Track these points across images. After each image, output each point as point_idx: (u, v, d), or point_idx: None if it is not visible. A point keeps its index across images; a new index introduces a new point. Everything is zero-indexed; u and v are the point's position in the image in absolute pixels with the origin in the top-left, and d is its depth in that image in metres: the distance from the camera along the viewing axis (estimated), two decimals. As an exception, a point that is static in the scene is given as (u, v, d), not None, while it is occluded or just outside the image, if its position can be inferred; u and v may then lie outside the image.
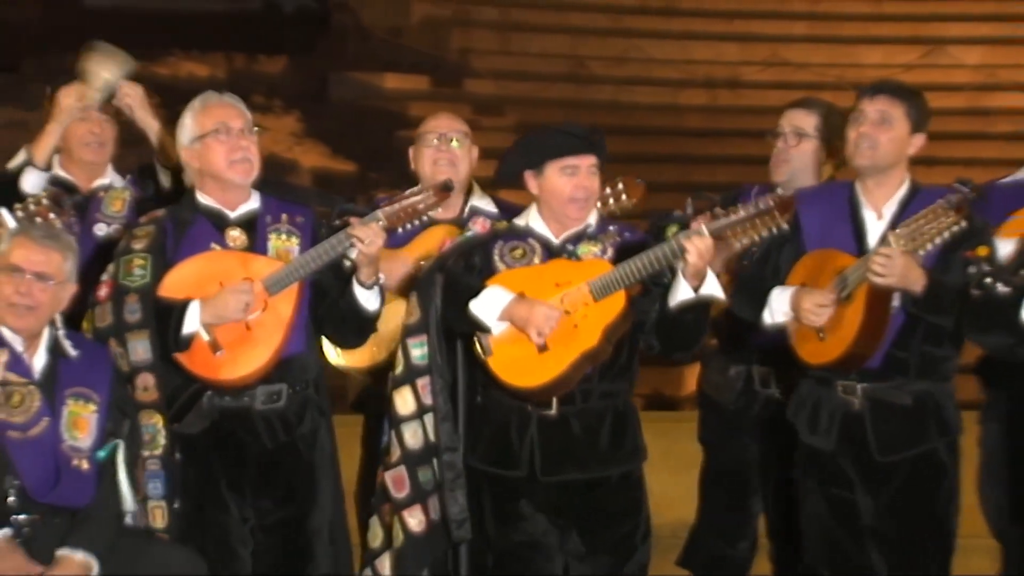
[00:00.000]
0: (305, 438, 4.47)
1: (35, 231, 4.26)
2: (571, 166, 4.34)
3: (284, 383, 4.42)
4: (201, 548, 4.37)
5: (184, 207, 4.49)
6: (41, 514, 4.13)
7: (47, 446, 4.15)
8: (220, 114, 4.42)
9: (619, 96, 13.99)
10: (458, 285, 4.37)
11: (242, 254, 4.41)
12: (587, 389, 4.32)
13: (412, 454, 4.42)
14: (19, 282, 4.15)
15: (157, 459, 4.32)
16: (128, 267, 4.37)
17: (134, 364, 4.32)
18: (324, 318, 4.46)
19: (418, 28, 14.56)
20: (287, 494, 4.45)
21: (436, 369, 4.42)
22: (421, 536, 4.42)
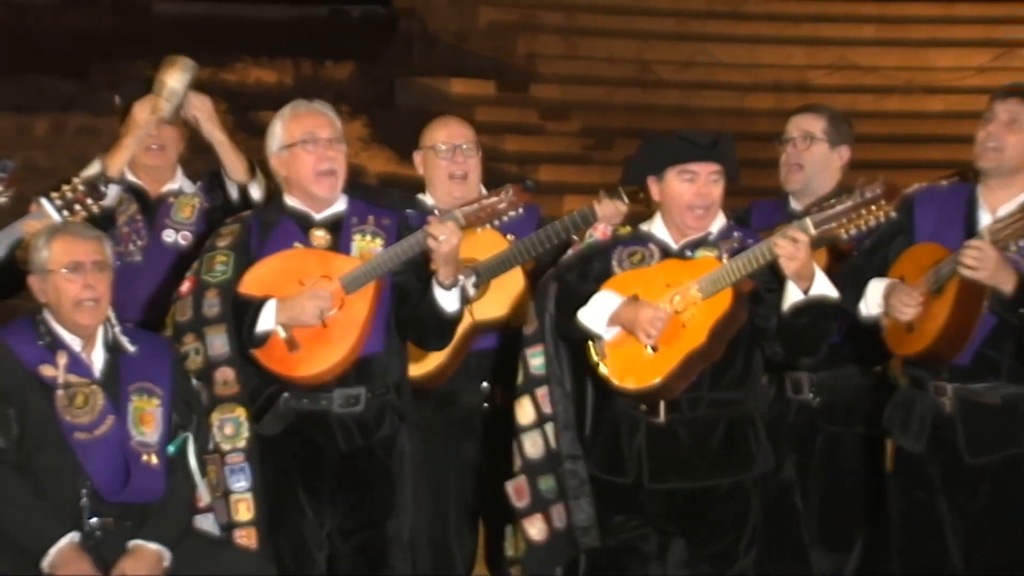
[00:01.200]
0: (383, 443, 4.47)
1: (71, 227, 4.27)
2: (690, 172, 4.32)
3: (363, 386, 4.42)
4: (276, 551, 4.38)
5: (271, 209, 4.52)
6: (113, 516, 4.14)
7: (115, 444, 4.16)
8: (309, 123, 4.44)
9: (686, 100, 13.93)
10: (570, 294, 4.38)
11: (322, 252, 4.43)
12: (696, 397, 4.30)
13: (533, 463, 4.42)
14: (84, 277, 4.17)
15: (241, 452, 4.33)
16: (210, 263, 4.41)
17: (212, 358, 4.34)
18: (406, 320, 4.45)
19: (484, 33, 14.56)
20: (363, 499, 4.45)
21: (554, 378, 4.42)
22: (542, 545, 4.42)
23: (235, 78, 14.11)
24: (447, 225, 4.28)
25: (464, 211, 4.33)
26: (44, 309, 4.20)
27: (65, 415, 4.13)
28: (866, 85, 14.39)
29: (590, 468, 4.40)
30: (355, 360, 4.39)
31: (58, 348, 4.17)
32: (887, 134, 13.40)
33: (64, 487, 4.10)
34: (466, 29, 14.62)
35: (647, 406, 4.31)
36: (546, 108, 13.66)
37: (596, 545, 4.39)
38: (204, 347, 4.34)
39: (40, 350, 4.16)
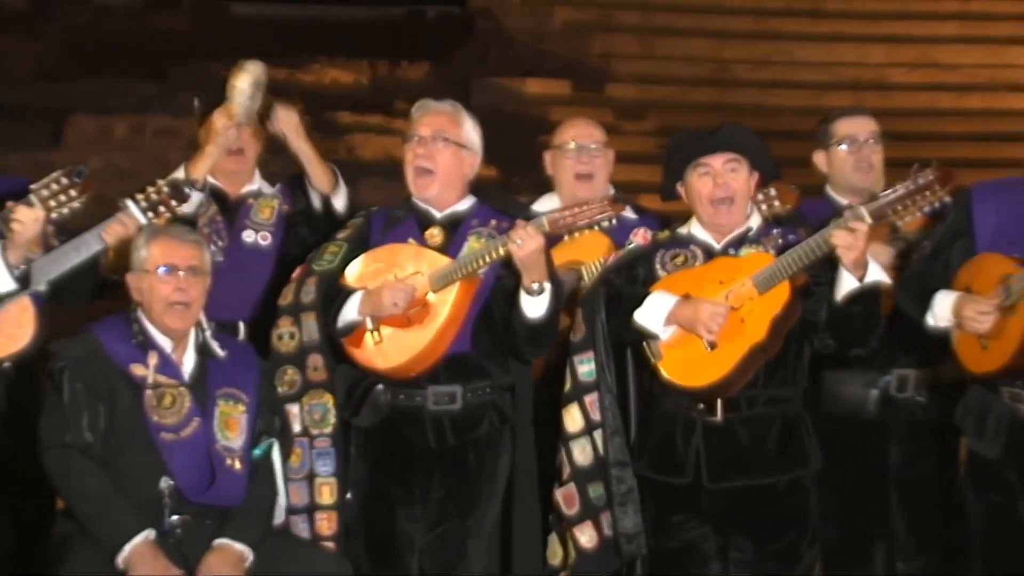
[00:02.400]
0: (478, 443, 4.47)
1: (171, 230, 4.32)
2: (704, 165, 4.29)
3: (458, 385, 4.42)
4: (366, 544, 4.42)
5: (401, 206, 4.57)
6: (193, 514, 4.16)
7: (200, 446, 4.20)
8: (417, 122, 4.50)
9: (763, 99, 13.83)
10: (621, 297, 4.37)
11: (419, 248, 4.46)
12: (752, 395, 4.28)
13: (582, 471, 4.42)
14: (177, 280, 4.20)
15: (327, 437, 4.38)
16: (323, 252, 4.52)
17: (306, 344, 4.40)
18: (506, 327, 4.45)
19: (560, 33, 14.54)
20: (450, 495, 4.46)
21: (604, 384, 4.40)
22: (593, 552, 4.43)
23: (311, 79, 14.17)
24: (527, 230, 4.28)
25: (550, 218, 4.33)
26: (138, 308, 4.24)
27: (152, 415, 4.18)
28: (947, 83, 14.21)
29: (642, 471, 4.38)
30: (436, 358, 4.40)
31: (149, 348, 4.23)
32: (968, 132, 13.23)
33: (147, 485, 4.15)
34: (541, 29, 14.60)
35: (704, 405, 4.29)
36: (621, 108, 13.60)
37: (641, 553, 4.38)
38: (299, 332, 4.39)
39: (132, 349, 4.21)
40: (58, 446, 4.14)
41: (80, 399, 4.15)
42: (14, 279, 4.26)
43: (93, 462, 4.13)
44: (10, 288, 4.28)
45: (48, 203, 4.26)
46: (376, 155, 12.68)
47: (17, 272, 4.26)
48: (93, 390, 4.16)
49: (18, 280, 4.27)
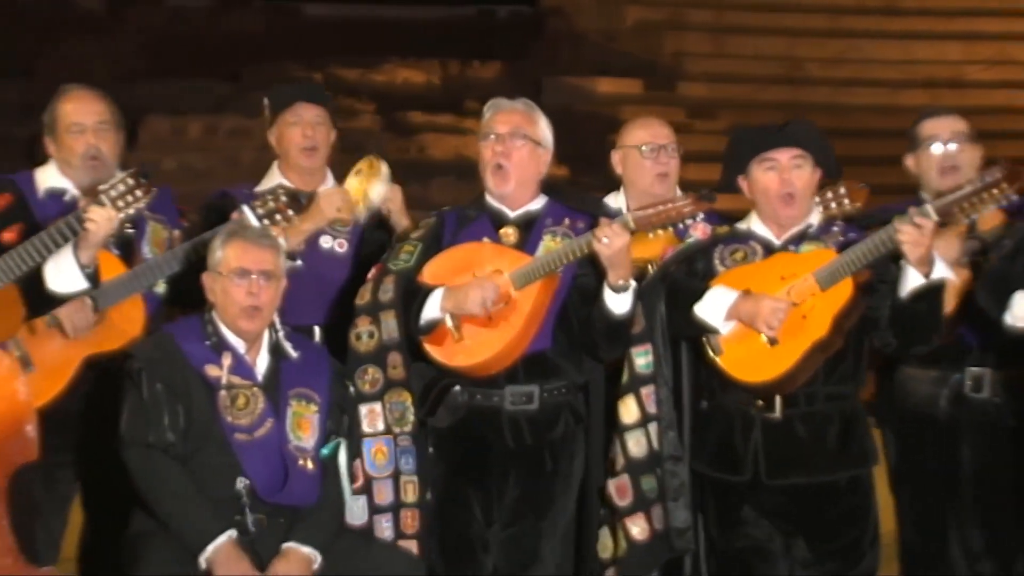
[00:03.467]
0: (554, 444, 4.47)
1: (247, 233, 4.34)
2: (770, 160, 4.29)
3: (535, 384, 4.44)
4: (441, 544, 4.42)
5: (472, 205, 4.57)
6: (267, 514, 4.19)
7: (273, 447, 4.21)
8: (491, 119, 4.49)
9: (836, 98, 13.74)
10: (681, 290, 4.34)
11: (498, 247, 4.46)
12: (812, 392, 4.25)
13: (636, 462, 4.39)
14: (249, 284, 4.23)
15: (408, 435, 4.39)
16: (398, 252, 4.50)
17: (385, 342, 4.40)
18: (583, 325, 4.43)
19: (631, 32, 14.51)
20: (525, 495, 4.45)
21: (661, 377, 4.39)
22: (643, 544, 4.39)
23: (383, 79, 14.24)
24: (613, 228, 4.26)
25: (636, 215, 4.30)
26: (212, 309, 4.27)
27: (227, 415, 4.19)
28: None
29: (701, 468, 4.36)
30: (516, 356, 4.40)
31: (224, 349, 4.24)
32: (1046, 130, 13.07)
33: (223, 485, 4.16)
34: (613, 28, 14.59)
35: (763, 401, 4.26)
36: (693, 106, 13.56)
37: (691, 549, 4.36)
38: (379, 330, 4.40)
39: (206, 350, 4.23)
40: (141, 445, 4.16)
41: (160, 399, 4.18)
42: (85, 277, 4.30)
43: (175, 462, 4.15)
44: (81, 287, 4.31)
45: (117, 203, 4.29)
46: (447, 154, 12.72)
47: (88, 271, 4.29)
48: (171, 390, 4.18)
49: (89, 279, 4.30)
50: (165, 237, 4.70)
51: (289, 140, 4.95)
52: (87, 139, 4.57)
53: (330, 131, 5.01)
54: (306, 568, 4.15)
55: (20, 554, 3.89)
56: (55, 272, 4.27)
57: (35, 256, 4.24)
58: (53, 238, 4.27)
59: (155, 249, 4.67)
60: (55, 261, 4.26)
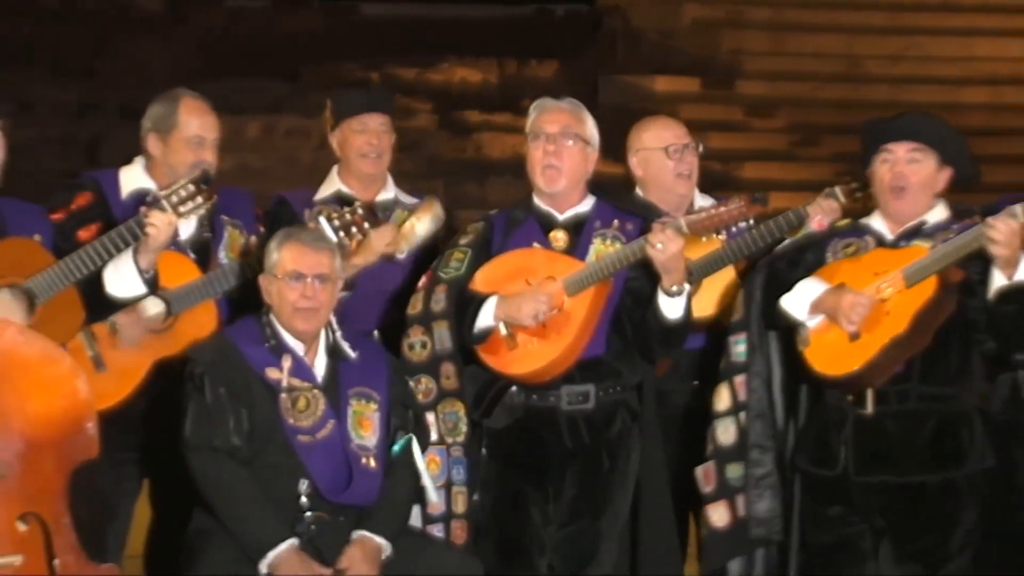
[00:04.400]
0: (611, 442, 4.46)
1: (303, 235, 4.35)
2: (887, 152, 4.26)
3: (591, 384, 4.42)
4: (496, 544, 4.42)
5: (519, 207, 4.56)
6: (330, 513, 4.20)
7: (336, 447, 4.22)
8: (541, 119, 4.48)
9: (896, 95, 13.60)
10: (776, 282, 4.35)
11: (550, 253, 4.45)
12: (904, 390, 4.22)
13: (723, 450, 4.41)
14: (304, 287, 4.23)
15: (460, 446, 4.40)
16: (448, 259, 4.49)
17: (438, 352, 4.40)
18: (636, 328, 4.44)
19: (689, 30, 14.45)
20: (583, 494, 4.45)
21: (754, 366, 4.40)
22: (723, 532, 4.41)
23: (440, 78, 14.24)
24: (667, 232, 4.25)
25: (689, 220, 4.31)
26: (270, 311, 4.28)
27: (288, 417, 4.21)
28: (1088, 77, 13.90)
29: (800, 461, 4.35)
30: (571, 363, 4.39)
31: (283, 351, 4.26)
32: (1110, 126, 12.92)
33: (286, 486, 4.19)
34: (670, 26, 14.52)
35: (854, 397, 4.24)
36: (752, 105, 13.49)
37: (775, 539, 4.36)
38: (431, 340, 4.40)
39: (266, 352, 4.25)
40: (206, 449, 4.18)
41: (224, 403, 4.20)
42: (144, 282, 4.31)
43: (240, 466, 4.18)
44: (140, 292, 4.33)
45: (177, 208, 4.31)
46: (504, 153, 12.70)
47: (147, 276, 4.30)
48: (234, 393, 4.21)
49: (148, 284, 4.32)
50: (242, 242, 4.71)
51: (352, 147, 4.96)
52: (204, 153, 4.59)
53: (392, 137, 5.02)
54: (376, 557, 4.17)
55: (82, 551, 3.91)
56: (115, 276, 4.29)
57: (95, 260, 4.26)
58: (114, 242, 4.28)
59: (231, 254, 4.68)
60: (115, 265, 4.28)
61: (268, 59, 14.36)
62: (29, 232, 4.37)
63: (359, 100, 5.06)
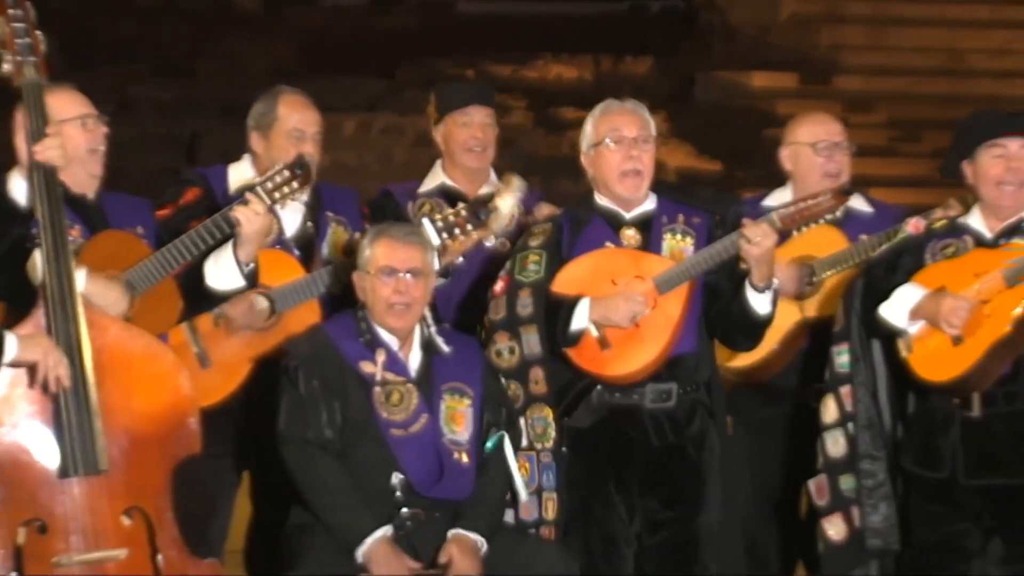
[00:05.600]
0: (694, 439, 4.44)
1: (395, 230, 4.35)
2: (1000, 146, 4.21)
3: (674, 382, 4.41)
4: (585, 542, 4.39)
5: (582, 207, 4.54)
6: (422, 507, 4.22)
7: (428, 442, 4.23)
8: (616, 122, 4.44)
9: (998, 90, 13.41)
10: (875, 289, 4.32)
11: (634, 252, 4.44)
12: (1012, 391, 4.17)
13: (834, 462, 4.38)
14: (397, 282, 4.25)
15: (548, 452, 4.38)
16: (523, 263, 4.45)
17: (527, 357, 4.39)
18: (716, 320, 4.43)
19: (787, 25, 14.34)
20: (673, 495, 4.43)
21: (858, 376, 4.36)
22: (840, 545, 4.37)
23: (536, 75, 14.25)
24: (761, 227, 4.24)
25: (780, 214, 4.29)
26: (364, 306, 4.30)
27: (382, 411, 4.22)
28: None
29: (906, 464, 4.31)
30: (663, 361, 4.37)
31: (377, 346, 4.27)
32: None
33: (379, 480, 4.19)
34: (768, 21, 14.42)
35: (960, 400, 4.19)
36: (850, 100, 13.35)
37: (892, 549, 4.30)
38: (519, 346, 4.38)
39: (360, 346, 4.26)
40: (299, 442, 4.20)
41: (317, 396, 4.22)
42: (243, 276, 4.34)
43: (332, 458, 4.20)
44: (239, 285, 4.36)
45: (272, 195, 4.33)
46: (599, 150, 12.67)
47: (247, 269, 4.33)
48: (327, 387, 4.23)
49: (247, 277, 4.35)
50: (345, 239, 4.73)
51: (457, 141, 4.96)
52: (305, 146, 4.62)
53: (496, 131, 5.02)
54: (474, 554, 4.17)
55: (185, 546, 3.95)
56: (214, 269, 4.32)
57: (190, 250, 4.28)
58: (209, 232, 4.29)
59: (335, 251, 4.70)
60: (215, 258, 4.31)
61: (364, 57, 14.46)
62: (131, 224, 4.41)
63: (464, 93, 5.06)
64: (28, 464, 3.80)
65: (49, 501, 3.79)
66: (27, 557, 3.77)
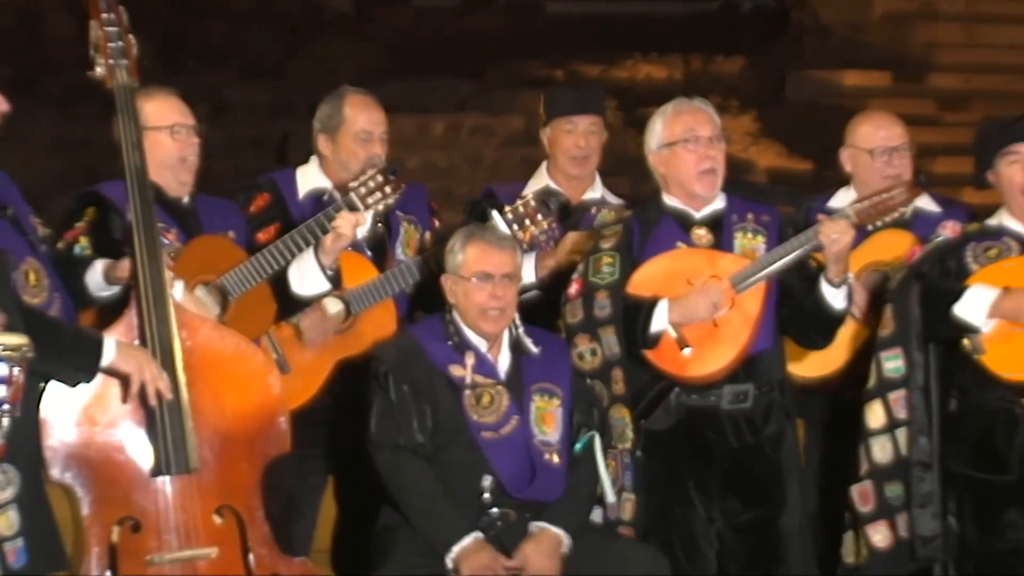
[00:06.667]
0: (771, 440, 4.43)
1: (486, 234, 4.36)
2: (1014, 152, 4.22)
3: (751, 383, 4.39)
4: (666, 544, 4.38)
5: (650, 208, 4.53)
6: (514, 509, 4.21)
7: (519, 443, 4.23)
8: (690, 121, 4.43)
9: (1097, 87, 13.20)
10: (937, 291, 4.26)
11: (709, 251, 4.42)
12: None
13: (880, 469, 4.32)
14: (493, 287, 4.25)
15: (627, 452, 4.38)
16: (597, 265, 4.44)
17: (608, 358, 4.39)
18: (789, 318, 4.41)
19: (880, 23, 14.20)
20: (754, 496, 4.42)
21: (913, 381, 4.30)
22: (885, 553, 4.31)
23: (625, 75, 14.21)
24: (839, 224, 4.23)
25: (856, 208, 4.28)
26: (453, 309, 4.31)
27: (472, 414, 4.23)
28: None
29: (958, 467, 4.24)
30: (742, 361, 4.36)
31: (466, 349, 4.28)
32: None
33: (470, 482, 4.21)
34: (860, 19, 14.29)
35: None
36: (944, 98, 13.20)
37: (939, 559, 4.24)
38: (600, 347, 4.38)
39: (449, 350, 4.27)
40: (390, 446, 4.22)
41: (407, 400, 4.23)
42: (328, 280, 4.37)
43: (423, 462, 4.21)
44: (324, 289, 4.39)
45: (365, 200, 4.36)
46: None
47: (331, 273, 4.36)
48: (417, 391, 4.24)
49: (331, 281, 4.37)
50: (416, 238, 4.75)
51: (562, 147, 4.98)
52: (373, 147, 4.65)
53: (603, 138, 5.03)
54: (555, 549, 4.16)
55: (275, 545, 3.97)
56: (298, 274, 4.35)
57: (285, 255, 4.32)
58: (304, 237, 4.34)
59: (407, 250, 4.72)
60: (298, 264, 4.34)
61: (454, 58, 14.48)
62: (223, 228, 4.46)
63: (570, 100, 5.07)
64: (122, 463, 3.84)
65: (142, 500, 3.84)
66: (121, 555, 3.82)
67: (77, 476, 3.81)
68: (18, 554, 3.59)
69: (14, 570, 3.57)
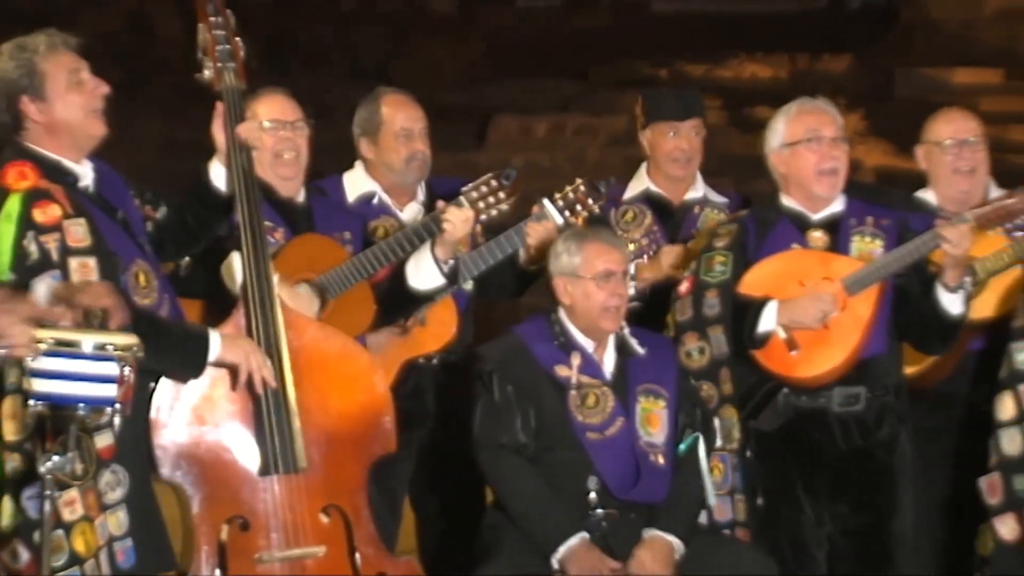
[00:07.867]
0: (883, 444, 4.38)
1: (600, 234, 4.36)
2: None
3: (863, 386, 4.35)
4: (774, 547, 4.35)
5: (767, 208, 4.50)
6: (619, 510, 4.20)
7: (624, 444, 4.22)
8: (813, 121, 4.40)
9: None
10: None
11: (823, 253, 4.39)
12: None
13: (1009, 461, 4.23)
14: (614, 285, 4.25)
15: (735, 453, 4.36)
16: (709, 264, 4.43)
17: (716, 357, 4.37)
18: (908, 323, 4.36)
19: (992, 19, 13.98)
20: (864, 499, 4.38)
21: None
22: (1013, 545, 4.22)
23: (730, 74, 14.13)
24: (959, 228, 4.19)
25: (975, 213, 4.25)
26: (559, 309, 4.30)
27: (577, 415, 4.23)
28: None
29: None
30: (853, 363, 4.31)
31: (572, 349, 4.28)
32: None
33: (574, 483, 4.20)
34: (971, 16, 14.08)
35: None
36: (1057, 96, 12.97)
37: None
38: (709, 346, 4.36)
39: (555, 350, 4.28)
40: (494, 446, 4.23)
41: (511, 401, 4.24)
42: (443, 275, 4.39)
43: (527, 462, 4.22)
44: (439, 284, 4.41)
45: (477, 204, 4.38)
46: (795, 150, 12.50)
47: (446, 268, 4.38)
48: (522, 391, 4.25)
49: (447, 276, 4.39)
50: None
51: (663, 150, 4.96)
52: (415, 144, 4.65)
53: (702, 137, 5.00)
54: (669, 556, 4.16)
55: (381, 545, 4.00)
56: (415, 270, 4.38)
57: (388, 256, 4.36)
58: (409, 239, 4.37)
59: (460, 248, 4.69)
60: (415, 259, 4.37)
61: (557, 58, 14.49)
62: (339, 229, 4.51)
63: (672, 106, 5.02)
64: (230, 463, 3.88)
65: (251, 499, 3.87)
66: (230, 554, 3.85)
67: (187, 475, 3.84)
68: (127, 554, 3.64)
69: (123, 570, 3.61)
